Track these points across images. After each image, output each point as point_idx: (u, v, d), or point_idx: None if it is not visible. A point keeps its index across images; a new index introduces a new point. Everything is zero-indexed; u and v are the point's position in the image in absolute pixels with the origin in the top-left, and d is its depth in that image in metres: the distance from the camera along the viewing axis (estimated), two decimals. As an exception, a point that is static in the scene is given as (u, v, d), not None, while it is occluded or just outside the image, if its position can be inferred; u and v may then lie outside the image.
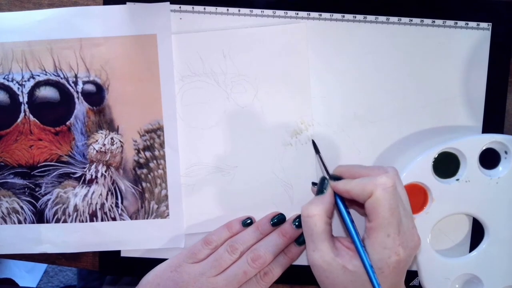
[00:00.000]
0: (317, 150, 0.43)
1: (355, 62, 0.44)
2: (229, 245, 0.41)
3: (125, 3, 0.44)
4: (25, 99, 0.44)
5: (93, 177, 0.45)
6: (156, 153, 0.45)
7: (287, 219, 0.43)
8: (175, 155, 0.44)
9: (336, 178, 0.38)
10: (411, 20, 0.44)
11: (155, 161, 0.45)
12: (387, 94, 0.44)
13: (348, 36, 0.44)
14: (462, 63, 0.44)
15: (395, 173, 0.37)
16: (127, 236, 0.45)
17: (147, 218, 0.45)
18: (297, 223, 0.41)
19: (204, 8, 0.44)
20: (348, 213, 0.38)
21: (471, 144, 0.43)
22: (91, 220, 0.45)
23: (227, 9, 0.44)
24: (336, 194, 0.38)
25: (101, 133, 0.45)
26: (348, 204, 0.39)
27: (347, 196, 0.37)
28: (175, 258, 0.42)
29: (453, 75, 0.44)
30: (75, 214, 0.45)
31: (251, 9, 0.44)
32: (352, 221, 0.37)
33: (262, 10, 0.44)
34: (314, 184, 0.43)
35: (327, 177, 0.39)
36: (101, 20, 0.43)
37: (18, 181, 0.45)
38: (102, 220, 0.45)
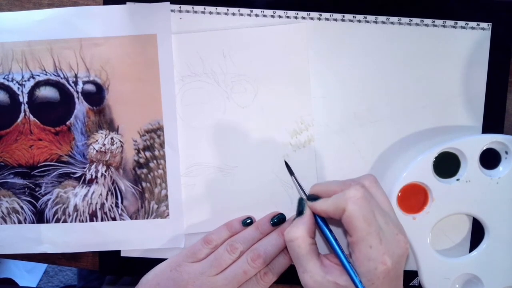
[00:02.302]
0: (291, 172, 0.43)
1: (355, 62, 0.44)
2: (229, 244, 0.41)
3: (125, 3, 0.44)
4: (25, 99, 0.44)
5: (93, 177, 0.45)
6: (156, 153, 0.45)
7: (287, 219, 0.43)
8: (175, 155, 0.44)
9: (313, 198, 0.38)
10: (411, 20, 0.44)
11: (155, 161, 0.45)
12: (387, 94, 0.44)
13: (348, 36, 0.44)
14: (462, 63, 0.44)
15: (372, 180, 0.37)
16: (127, 236, 0.45)
17: (147, 218, 0.45)
18: (297, 223, 0.41)
19: (204, 8, 0.44)
20: (330, 230, 0.38)
21: (471, 144, 0.43)
22: (91, 220, 0.45)
23: (227, 9, 0.44)
24: (315, 214, 0.38)
25: (101, 133, 0.45)
26: (329, 221, 0.39)
27: (325, 216, 0.37)
28: (175, 257, 0.42)
29: (453, 75, 0.44)
30: (75, 214, 0.45)
31: (251, 9, 0.44)
32: (334, 238, 0.37)
33: (262, 10, 0.44)
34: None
35: (304, 197, 0.39)
36: (101, 20, 0.43)
37: (18, 181, 0.45)
38: (102, 220, 0.45)
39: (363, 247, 0.34)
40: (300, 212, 0.38)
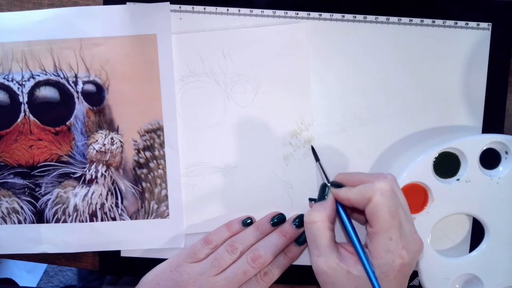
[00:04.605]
0: (316, 158, 0.43)
1: (355, 62, 0.44)
2: (229, 244, 0.41)
3: (125, 3, 0.44)
4: (25, 99, 0.44)
5: (93, 177, 0.45)
6: (156, 153, 0.45)
7: (287, 219, 0.43)
8: (175, 155, 0.44)
9: (337, 185, 0.39)
10: (411, 20, 0.44)
11: (155, 161, 0.45)
12: (387, 94, 0.44)
13: (348, 36, 0.44)
14: (462, 63, 0.44)
15: (393, 179, 0.37)
16: (127, 236, 0.45)
17: (147, 218, 0.45)
18: (297, 223, 0.41)
19: (204, 8, 0.44)
20: (350, 219, 0.38)
21: (471, 144, 0.43)
22: (91, 220, 0.45)
23: (227, 9, 0.44)
24: (337, 202, 0.38)
25: (101, 133, 0.45)
26: (348, 212, 0.39)
27: (348, 204, 0.37)
28: (175, 257, 0.42)
29: (453, 75, 0.44)
30: (75, 214, 0.45)
31: (251, 9, 0.44)
32: (353, 228, 0.37)
33: (262, 10, 0.44)
34: (311, 200, 0.43)
35: (328, 184, 0.39)
36: (101, 20, 0.43)
37: (18, 181, 0.45)
38: (102, 220, 0.45)
39: (383, 239, 0.34)
40: (322, 197, 0.39)
